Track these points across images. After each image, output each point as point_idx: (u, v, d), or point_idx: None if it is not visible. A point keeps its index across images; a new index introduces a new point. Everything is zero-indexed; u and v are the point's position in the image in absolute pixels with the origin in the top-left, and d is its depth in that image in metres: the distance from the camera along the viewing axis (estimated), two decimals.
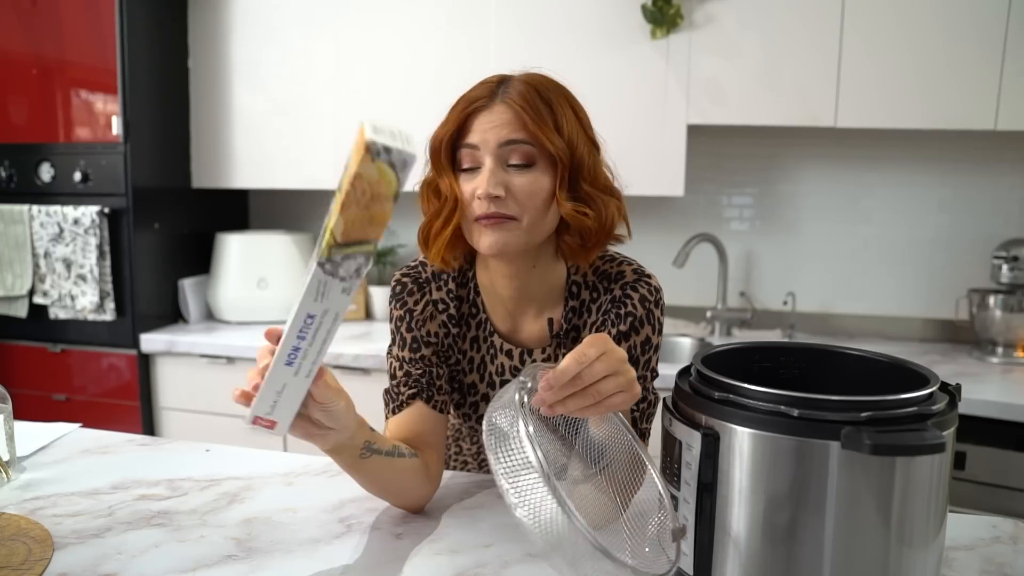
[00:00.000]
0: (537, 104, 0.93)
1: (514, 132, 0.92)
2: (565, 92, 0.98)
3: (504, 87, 0.95)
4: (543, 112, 0.93)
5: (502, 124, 0.93)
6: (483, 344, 1.07)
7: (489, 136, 0.93)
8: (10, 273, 2.43)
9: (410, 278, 1.07)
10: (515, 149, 0.93)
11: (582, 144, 0.95)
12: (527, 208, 0.93)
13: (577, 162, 0.94)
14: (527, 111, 0.92)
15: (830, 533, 0.70)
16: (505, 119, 0.93)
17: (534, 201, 0.93)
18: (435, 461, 1.03)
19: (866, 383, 0.82)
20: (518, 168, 0.93)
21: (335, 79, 2.48)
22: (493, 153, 0.93)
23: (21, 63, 2.40)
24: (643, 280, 1.02)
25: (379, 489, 0.99)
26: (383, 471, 0.94)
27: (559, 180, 0.94)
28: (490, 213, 0.92)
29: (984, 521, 1.01)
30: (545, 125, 0.92)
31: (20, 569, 0.85)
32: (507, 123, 0.93)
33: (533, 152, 0.93)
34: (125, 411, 2.44)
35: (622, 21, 2.24)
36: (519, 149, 0.93)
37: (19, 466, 1.16)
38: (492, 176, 0.92)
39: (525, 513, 0.67)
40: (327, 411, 0.81)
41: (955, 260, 2.41)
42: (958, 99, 2.07)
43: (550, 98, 0.95)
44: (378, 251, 2.73)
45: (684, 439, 0.78)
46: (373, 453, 0.91)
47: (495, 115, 0.93)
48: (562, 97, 0.96)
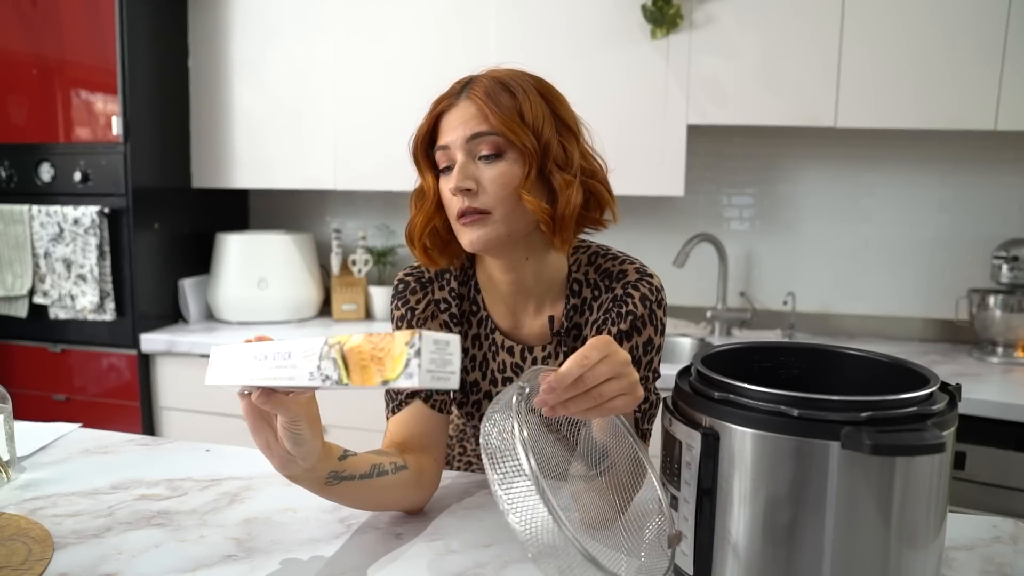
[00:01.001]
0: (498, 95, 0.94)
1: (478, 125, 0.94)
2: (533, 79, 0.98)
3: (469, 85, 0.97)
4: (504, 102, 0.94)
5: (467, 119, 0.94)
6: (484, 341, 1.07)
7: (455, 134, 0.95)
8: (10, 273, 2.42)
9: (413, 277, 1.07)
10: (482, 141, 0.94)
11: (548, 128, 0.95)
12: (499, 199, 0.94)
13: (543, 146, 0.94)
14: (488, 103, 0.93)
15: (830, 533, 0.70)
16: (469, 114, 0.94)
17: (505, 191, 0.94)
18: (433, 463, 1.03)
19: (866, 383, 0.82)
20: (487, 160, 0.94)
21: (335, 79, 2.48)
22: (462, 148, 0.94)
23: (21, 63, 2.40)
24: (645, 279, 1.02)
25: (357, 505, 0.97)
26: (357, 492, 0.92)
27: (527, 169, 0.94)
28: (465, 209, 0.94)
29: (984, 521, 1.01)
30: (506, 114, 0.93)
31: (20, 569, 0.85)
32: (471, 117, 0.94)
33: (500, 142, 0.94)
34: (125, 411, 2.44)
35: (622, 21, 2.24)
36: (486, 140, 0.94)
37: (19, 466, 1.16)
38: (462, 171, 0.94)
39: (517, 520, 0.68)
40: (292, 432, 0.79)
41: (955, 260, 2.41)
42: (958, 99, 2.07)
43: (512, 87, 0.95)
44: (378, 251, 2.73)
45: (684, 439, 0.78)
46: (342, 480, 0.89)
47: (460, 111, 0.95)
48: (528, 84, 0.97)
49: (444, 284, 1.07)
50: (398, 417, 1.03)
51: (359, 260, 2.68)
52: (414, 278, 1.07)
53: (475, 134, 0.94)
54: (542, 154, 0.95)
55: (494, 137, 0.94)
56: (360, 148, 2.48)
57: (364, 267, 2.69)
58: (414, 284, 1.07)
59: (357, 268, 2.68)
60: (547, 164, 0.95)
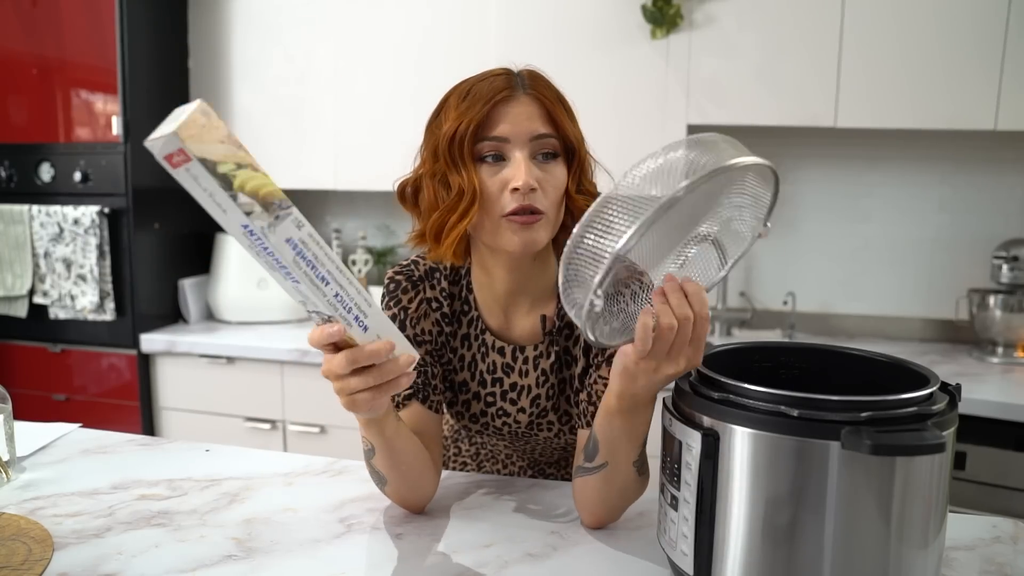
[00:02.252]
0: (558, 94, 0.96)
1: (544, 125, 0.93)
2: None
3: (520, 78, 0.96)
4: (564, 104, 0.96)
5: (531, 116, 0.93)
6: (474, 342, 1.07)
7: (520, 128, 0.92)
8: (10, 273, 2.43)
9: (404, 276, 1.06)
10: (546, 143, 0.94)
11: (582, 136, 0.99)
12: (552, 202, 0.94)
13: (583, 155, 0.97)
14: (553, 103, 0.94)
15: (830, 533, 0.70)
16: (533, 111, 0.93)
17: (557, 194, 0.95)
18: (434, 461, 1.03)
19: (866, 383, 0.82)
20: (545, 160, 0.94)
21: (335, 79, 2.48)
22: (525, 146, 0.93)
23: (21, 63, 2.40)
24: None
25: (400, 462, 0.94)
26: (407, 446, 0.93)
27: (571, 173, 0.96)
28: (524, 206, 0.91)
29: (984, 521, 1.01)
30: (567, 117, 0.95)
31: (20, 569, 0.85)
32: (536, 115, 0.93)
33: (558, 145, 0.95)
34: (125, 411, 2.44)
35: (622, 21, 2.24)
36: (548, 142, 0.94)
37: (19, 466, 1.16)
38: (530, 169, 0.92)
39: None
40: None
41: (955, 260, 2.41)
42: (958, 99, 2.07)
43: (560, 93, 0.97)
44: (378, 251, 2.73)
45: (684, 439, 0.78)
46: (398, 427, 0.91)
47: (523, 106, 0.93)
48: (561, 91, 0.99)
49: (435, 283, 1.06)
50: None
51: (359, 260, 2.68)
52: (405, 276, 1.06)
53: (542, 134, 0.93)
54: (581, 161, 0.97)
55: (554, 140, 0.94)
56: (360, 148, 2.48)
57: (364, 267, 2.69)
58: (405, 283, 1.05)
59: (357, 268, 2.68)
60: (581, 171, 0.98)
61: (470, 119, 0.92)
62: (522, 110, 0.93)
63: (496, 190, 0.93)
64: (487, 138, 0.93)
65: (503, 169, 0.93)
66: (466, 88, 0.95)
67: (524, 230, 0.92)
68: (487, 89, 0.93)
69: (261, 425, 2.36)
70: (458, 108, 0.94)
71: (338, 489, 1.10)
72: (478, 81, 0.95)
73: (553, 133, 0.94)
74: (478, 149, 0.93)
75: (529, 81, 0.95)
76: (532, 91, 0.94)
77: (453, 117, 0.94)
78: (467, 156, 0.93)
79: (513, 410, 1.08)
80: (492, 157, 0.93)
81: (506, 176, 0.92)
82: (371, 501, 1.05)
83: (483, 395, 1.08)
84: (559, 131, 0.94)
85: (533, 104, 0.94)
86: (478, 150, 0.93)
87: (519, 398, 1.07)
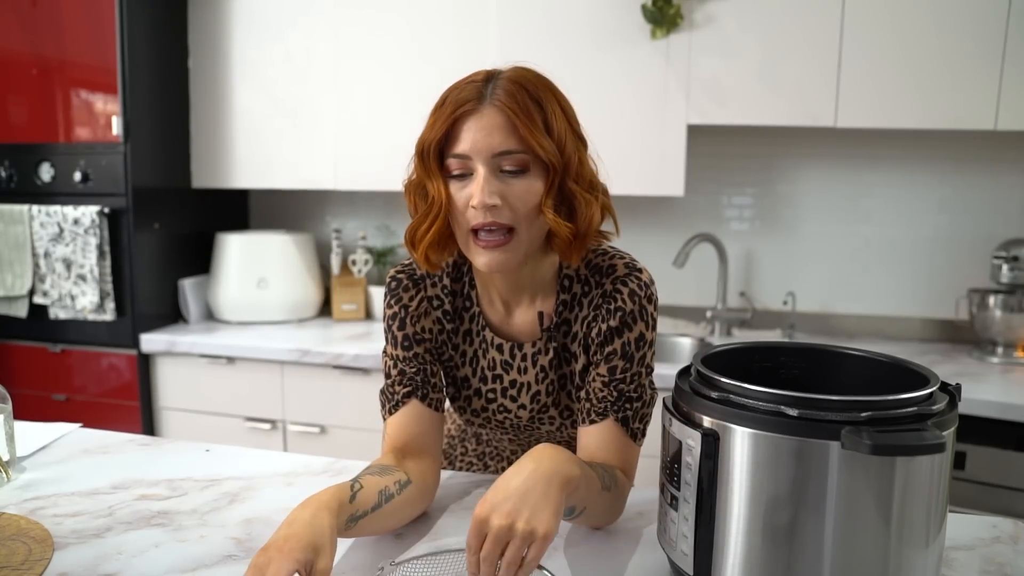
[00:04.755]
0: (527, 105, 0.90)
1: (506, 140, 0.89)
2: (551, 86, 0.95)
3: (492, 86, 0.92)
4: (533, 113, 0.90)
5: (493, 129, 0.89)
6: (476, 338, 1.07)
7: (481, 144, 0.90)
8: (10, 273, 2.43)
9: (405, 275, 1.06)
10: (508, 158, 0.90)
11: (570, 142, 0.93)
12: (522, 215, 0.91)
13: (565, 162, 0.92)
14: (518, 115, 0.89)
15: (830, 533, 0.70)
16: (495, 123, 0.89)
17: (528, 207, 0.91)
18: (433, 463, 1.03)
19: (866, 383, 0.82)
20: (512, 174, 0.91)
21: (335, 79, 2.48)
22: (487, 162, 0.90)
23: (21, 63, 2.40)
24: (634, 274, 1.00)
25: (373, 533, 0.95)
26: (371, 524, 0.91)
27: (548, 184, 0.92)
28: (487, 223, 0.90)
29: (984, 521, 1.01)
30: (536, 129, 0.90)
31: (20, 569, 0.85)
32: (498, 128, 0.89)
33: (527, 159, 0.91)
34: (125, 411, 2.44)
35: (622, 21, 2.24)
36: (512, 158, 0.90)
37: (19, 466, 1.16)
38: (487, 185, 0.89)
39: None
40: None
41: (955, 260, 2.41)
42: (958, 99, 2.07)
43: (539, 96, 0.92)
44: (378, 251, 2.73)
45: (684, 439, 0.78)
46: (357, 520, 0.87)
47: (485, 119, 0.90)
48: (549, 93, 0.94)
49: (436, 281, 1.06)
50: (396, 418, 1.03)
51: (359, 260, 2.68)
52: (406, 275, 1.06)
53: (504, 151, 0.90)
54: (563, 169, 0.92)
55: (522, 155, 0.90)
56: (360, 148, 2.48)
57: (364, 267, 2.69)
58: (407, 281, 1.05)
59: (357, 268, 2.68)
60: (567, 179, 0.93)
61: (434, 133, 0.92)
62: (483, 123, 0.90)
63: (462, 205, 0.92)
64: (451, 154, 0.92)
65: (468, 184, 0.92)
66: (444, 95, 0.94)
67: (489, 252, 0.92)
68: (454, 100, 0.92)
69: (261, 425, 2.36)
70: (432, 117, 0.94)
71: None
72: (454, 89, 0.94)
73: (518, 148, 0.90)
74: (449, 165, 0.93)
75: (500, 90, 0.90)
76: (499, 102, 0.89)
77: (427, 126, 0.94)
78: (435, 168, 0.93)
79: (514, 406, 1.08)
80: (458, 171, 0.92)
81: (470, 191, 0.91)
82: None
83: (484, 391, 1.08)
84: (526, 145, 0.90)
85: (498, 116, 0.89)
86: (447, 164, 0.93)
87: (519, 395, 1.07)
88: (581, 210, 0.93)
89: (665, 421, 0.82)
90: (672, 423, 0.80)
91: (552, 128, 0.91)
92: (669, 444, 0.81)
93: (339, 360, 2.23)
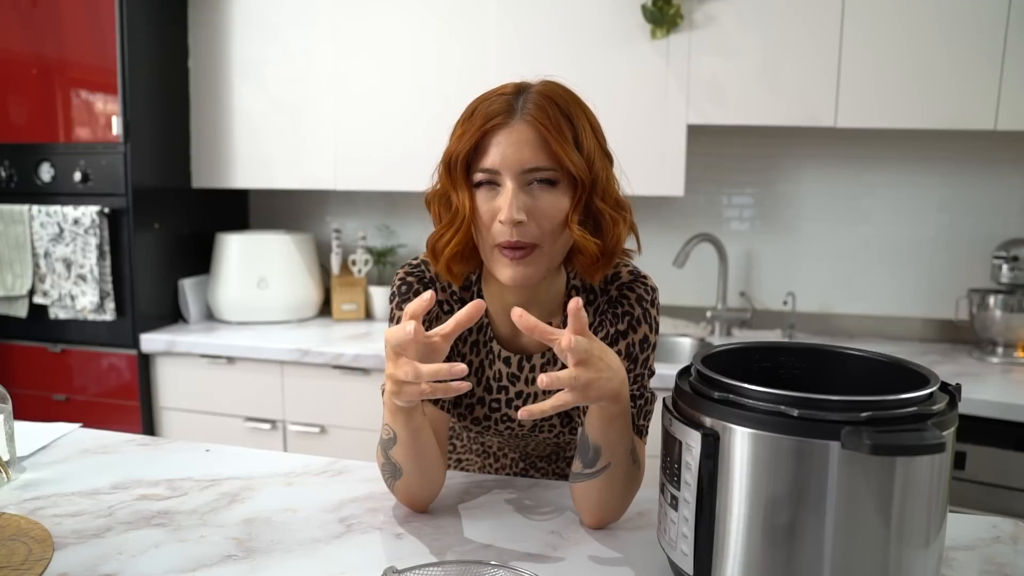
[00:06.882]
0: (559, 120, 0.89)
1: (536, 156, 0.89)
2: (580, 102, 0.95)
3: (522, 100, 0.91)
4: (564, 129, 0.90)
5: (523, 144, 0.89)
6: (482, 349, 1.07)
7: (511, 160, 0.89)
8: (10, 273, 2.42)
9: (415, 277, 1.05)
10: (538, 174, 0.90)
11: (599, 159, 0.93)
12: (547, 232, 0.91)
13: (594, 178, 0.92)
14: (550, 130, 0.88)
15: (830, 533, 0.70)
16: (526, 138, 0.89)
17: (553, 223, 0.91)
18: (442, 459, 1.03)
19: (866, 383, 0.82)
20: (540, 187, 0.91)
21: (335, 79, 2.48)
22: (516, 177, 0.90)
23: (21, 63, 2.40)
24: (639, 280, 1.03)
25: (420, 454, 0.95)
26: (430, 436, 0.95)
27: (575, 200, 0.92)
28: (513, 243, 0.90)
29: (984, 521, 1.01)
30: (567, 144, 0.89)
31: (20, 569, 0.85)
32: (528, 143, 0.89)
33: (556, 174, 0.91)
34: (125, 411, 2.44)
35: (622, 21, 2.24)
36: (541, 174, 0.90)
37: (19, 466, 1.16)
38: (515, 200, 0.89)
39: None
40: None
41: (955, 260, 2.41)
42: (958, 99, 2.07)
43: (570, 111, 0.91)
44: (378, 251, 2.73)
45: (684, 439, 0.78)
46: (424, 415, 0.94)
47: (515, 134, 0.89)
48: (579, 108, 0.94)
49: (446, 286, 1.05)
50: None
51: (359, 260, 2.68)
52: (416, 278, 1.05)
53: (533, 168, 0.89)
54: (591, 186, 0.92)
55: (552, 171, 0.90)
56: (360, 148, 2.48)
57: (364, 267, 2.69)
58: (417, 284, 1.05)
59: (357, 268, 2.68)
60: (595, 197, 0.93)
61: (463, 145, 0.91)
62: (513, 138, 0.89)
63: (488, 219, 0.92)
64: (479, 168, 0.92)
65: (497, 196, 0.91)
66: (473, 106, 0.94)
67: (514, 265, 0.92)
68: (484, 112, 0.91)
69: (261, 425, 2.36)
70: (461, 127, 0.93)
71: (338, 489, 1.10)
72: (483, 100, 0.93)
73: (548, 165, 0.90)
74: (475, 176, 0.92)
75: (532, 104, 0.90)
76: (531, 116, 0.89)
77: (455, 137, 0.93)
78: (461, 180, 0.92)
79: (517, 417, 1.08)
80: (487, 184, 0.92)
81: (497, 205, 0.91)
82: (371, 501, 1.05)
83: (488, 401, 1.08)
84: (556, 161, 0.90)
85: (529, 131, 0.89)
86: (473, 176, 0.93)
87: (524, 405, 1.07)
88: (608, 228, 0.94)
89: (665, 421, 0.82)
90: (672, 423, 0.80)
91: (582, 144, 0.91)
92: (669, 444, 0.81)
93: (339, 360, 2.23)
